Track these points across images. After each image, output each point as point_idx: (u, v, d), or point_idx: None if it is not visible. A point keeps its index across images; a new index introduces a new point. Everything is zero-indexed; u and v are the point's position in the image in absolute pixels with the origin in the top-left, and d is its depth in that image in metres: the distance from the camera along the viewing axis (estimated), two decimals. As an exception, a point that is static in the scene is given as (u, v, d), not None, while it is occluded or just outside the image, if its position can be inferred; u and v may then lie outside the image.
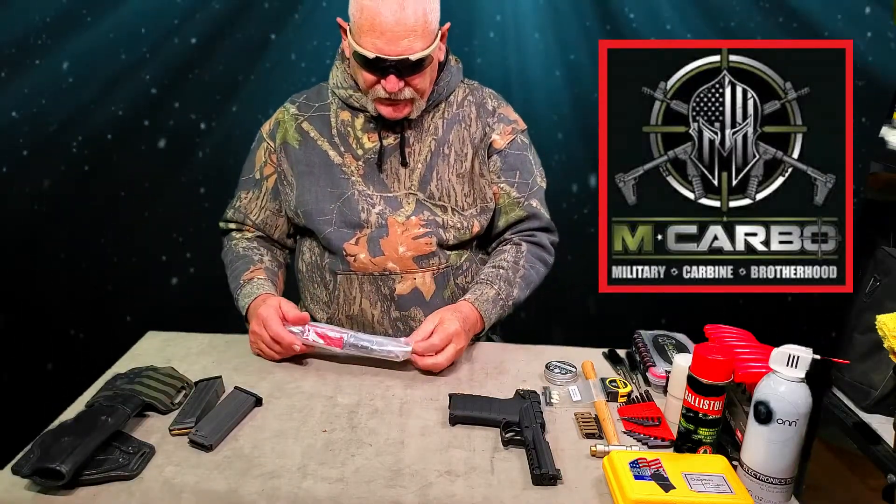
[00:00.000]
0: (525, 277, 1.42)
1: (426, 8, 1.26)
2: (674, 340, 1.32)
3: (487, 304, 1.35)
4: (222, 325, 1.46)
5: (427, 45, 1.28)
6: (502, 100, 1.50)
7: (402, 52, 1.26)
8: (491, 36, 2.12)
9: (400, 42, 1.25)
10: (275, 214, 1.49)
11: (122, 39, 1.98)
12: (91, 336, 2.11)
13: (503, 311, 1.38)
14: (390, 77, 1.28)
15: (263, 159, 1.47)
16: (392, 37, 1.24)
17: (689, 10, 2.04)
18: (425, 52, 1.28)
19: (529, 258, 1.44)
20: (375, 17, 1.24)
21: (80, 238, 2.07)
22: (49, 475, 0.90)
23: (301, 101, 1.47)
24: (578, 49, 2.11)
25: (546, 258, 1.48)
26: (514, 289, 1.39)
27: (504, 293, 1.38)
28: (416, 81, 1.31)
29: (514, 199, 1.45)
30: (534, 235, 1.47)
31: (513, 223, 1.47)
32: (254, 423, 1.10)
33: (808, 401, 0.90)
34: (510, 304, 1.39)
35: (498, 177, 1.45)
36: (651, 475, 0.92)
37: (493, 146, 1.44)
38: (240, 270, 1.41)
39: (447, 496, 0.94)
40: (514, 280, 1.40)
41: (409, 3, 1.24)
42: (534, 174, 1.47)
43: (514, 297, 1.40)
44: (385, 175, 1.41)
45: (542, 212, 1.48)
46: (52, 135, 1.99)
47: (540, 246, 1.47)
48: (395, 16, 1.23)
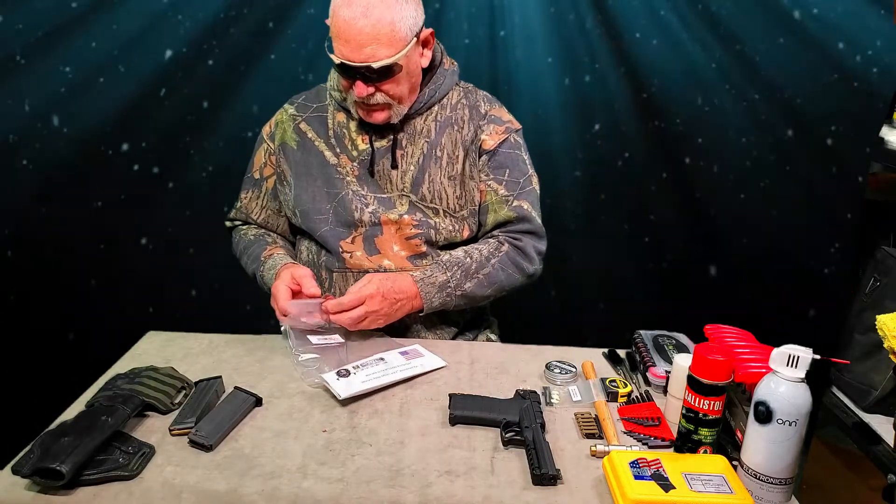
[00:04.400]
0: (489, 276, 1.39)
1: (394, 17, 1.26)
2: (674, 340, 1.32)
3: (431, 288, 1.35)
4: (222, 325, 1.46)
5: (393, 52, 1.27)
6: (496, 102, 1.50)
7: (365, 60, 1.26)
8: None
9: (363, 49, 1.25)
10: (276, 214, 1.53)
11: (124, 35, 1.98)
12: (91, 336, 2.11)
13: (449, 300, 1.37)
14: (357, 82, 1.29)
15: (263, 160, 1.50)
16: (355, 44, 1.25)
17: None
18: (390, 60, 1.27)
19: (504, 260, 1.41)
20: (342, 23, 1.25)
21: (80, 238, 2.07)
22: (49, 475, 0.90)
23: (299, 101, 1.49)
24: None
25: (524, 266, 1.43)
26: (469, 282, 1.37)
27: (455, 283, 1.36)
28: (387, 87, 1.32)
29: (501, 196, 1.43)
30: (520, 240, 1.43)
31: (501, 222, 1.44)
32: (254, 423, 1.10)
33: (808, 401, 0.90)
34: (458, 295, 1.37)
35: (486, 175, 1.44)
36: (651, 475, 0.92)
37: (482, 147, 1.43)
38: (257, 252, 1.46)
39: (447, 496, 0.94)
40: (475, 275, 1.38)
41: (373, 12, 1.24)
42: (527, 174, 1.45)
43: (467, 290, 1.37)
44: (378, 177, 1.42)
45: (532, 215, 1.44)
46: (52, 133, 1.98)
47: (522, 253, 1.43)
48: (357, 24, 1.24)
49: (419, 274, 1.36)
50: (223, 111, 2.11)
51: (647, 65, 2.08)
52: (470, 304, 1.42)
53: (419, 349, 1.33)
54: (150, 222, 2.15)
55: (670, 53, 2.06)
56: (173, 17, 2.00)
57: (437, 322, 1.46)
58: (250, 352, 1.33)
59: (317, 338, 1.32)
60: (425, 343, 1.37)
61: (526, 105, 2.07)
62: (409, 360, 1.27)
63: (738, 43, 2.04)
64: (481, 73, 2.07)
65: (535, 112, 2.10)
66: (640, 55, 2.07)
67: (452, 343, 1.44)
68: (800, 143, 2.10)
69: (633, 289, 2.29)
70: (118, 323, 2.10)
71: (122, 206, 2.10)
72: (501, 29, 2.07)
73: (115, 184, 2.08)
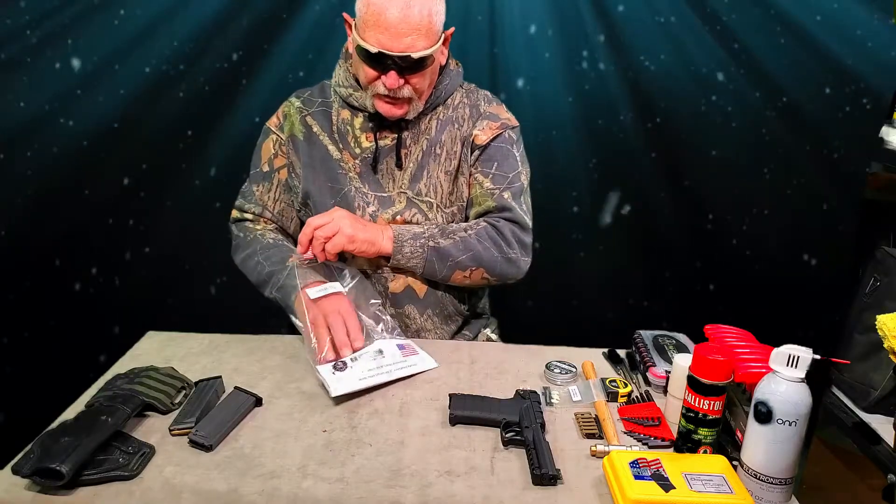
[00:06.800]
0: (465, 241, 1.37)
1: (432, 9, 1.28)
2: (674, 340, 1.32)
3: (405, 233, 1.35)
4: (222, 325, 1.46)
5: (430, 44, 1.29)
6: (496, 100, 1.50)
7: (405, 49, 1.27)
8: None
9: (403, 39, 1.26)
10: (290, 206, 1.50)
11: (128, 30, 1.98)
12: (91, 336, 2.11)
13: (421, 251, 1.35)
14: (391, 73, 1.29)
15: (273, 151, 1.47)
16: (396, 33, 1.25)
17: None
18: (427, 52, 1.29)
19: (481, 233, 1.38)
20: (381, 12, 1.25)
21: (80, 237, 2.07)
22: (49, 475, 0.90)
23: (305, 96, 1.49)
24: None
25: (500, 244, 1.39)
26: (444, 239, 1.36)
27: (429, 235, 1.36)
28: (416, 80, 1.32)
29: (486, 189, 1.42)
30: (497, 222, 1.40)
31: (482, 213, 1.43)
32: (254, 423, 1.10)
33: (808, 401, 0.90)
34: (431, 247, 1.35)
35: (475, 168, 1.44)
36: (651, 475, 0.92)
37: (475, 142, 1.43)
38: (280, 256, 1.39)
39: (447, 496, 0.94)
40: (451, 235, 1.37)
41: (415, 2, 1.25)
42: (517, 170, 1.44)
43: (441, 245, 1.35)
44: (380, 175, 1.42)
45: (514, 206, 1.41)
46: (53, 133, 1.98)
47: (499, 232, 1.39)
48: (401, 12, 1.25)
49: (396, 226, 1.37)
50: (223, 111, 2.11)
51: (649, 66, 2.08)
52: (444, 270, 1.37)
53: (414, 346, 1.33)
54: (151, 222, 2.15)
55: (672, 56, 2.06)
56: (173, 21, 2.00)
57: (437, 319, 1.46)
58: (250, 352, 1.33)
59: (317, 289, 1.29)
60: (426, 343, 1.37)
61: (527, 106, 2.07)
62: (406, 357, 1.27)
63: (738, 43, 2.04)
64: (481, 69, 2.07)
65: (535, 112, 2.10)
66: (641, 57, 2.07)
67: (452, 343, 1.44)
68: (800, 143, 2.10)
69: (633, 289, 2.29)
70: (118, 323, 2.11)
71: (122, 205, 2.10)
72: (502, 23, 2.07)
73: (115, 184, 2.08)
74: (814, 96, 2.05)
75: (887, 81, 1.94)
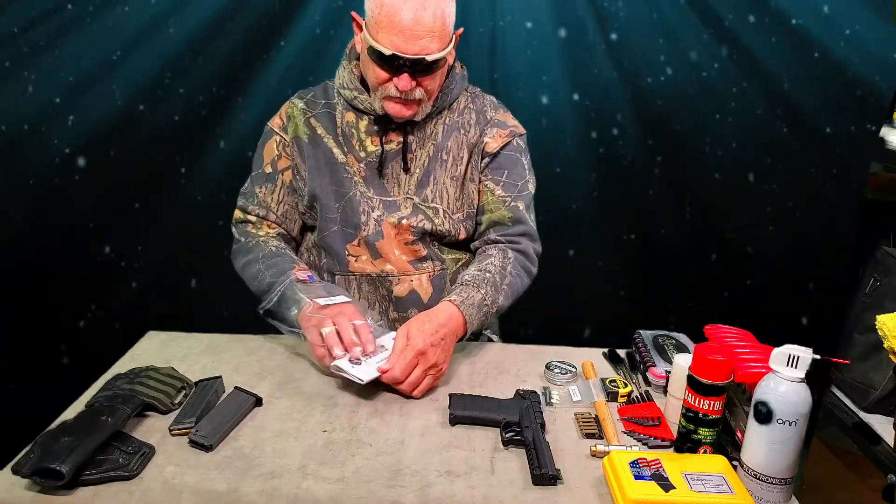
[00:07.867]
0: (511, 286, 1.36)
1: (445, 11, 1.26)
2: (674, 340, 1.32)
3: (472, 309, 1.27)
4: (222, 325, 1.46)
5: (443, 46, 1.28)
6: (502, 107, 1.50)
7: (419, 52, 1.25)
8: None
9: (418, 41, 1.24)
10: (293, 209, 1.47)
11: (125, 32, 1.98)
12: (91, 336, 2.11)
13: (485, 319, 1.31)
14: (403, 75, 1.27)
15: (276, 152, 1.45)
16: (411, 35, 1.23)
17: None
18: (441, 54, 1.27)
19: (516, 266, 1.39)
20: (396, 14, 1.23)
21: (80, 237, 2.07)
22: (49, 475, 0.90)
23: (308, 97, 1.46)
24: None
25: (530, 269, 1.42)
26: (499, 295, 1.33)
27: (490, 299, 1.31)
28: (427, 83, 1.31)
29: (498, 197, 1.42)
30: (519, 243, 1.42)
31: (496, 223, 1.43)
32: (254, 423, 1.10)
33: (808, 401, 0.90)
34: (493, 312, 1.33)
35: (485, 175, 1.43)
36: (651, 475, 0.92)
37: (485, 149, 1.43)
38: (283, 267, 1.35)
39: (447, 496, 0.94)
40: (501, 287, 1.34)
41: (430, 4, 1.23)
42: (525, 178, 1.45)
43: (499, 304, 1.34)
44: (386, 180, 1.41)
45: (526, 217, 1.44)
46: (53, 133, 1.98)
47: (525, 255, 1.42)
48: (415, 14, 1.23)
49: (456, 298, 1.27)
50: (223, 112, 2.11)
51: (647, 68, 2.08)
52: (496, 316, 1.37)
53: None
54: (154, 221, 2.15)
55: (670, 57, 2.07)
56: (171, 23, 2.00)
57: None
58: (250, 352, 1.33)
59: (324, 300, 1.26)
60: None
61: (527, 107, 2.08)
62: None
63: (738, 43, 2.04)
64: (482, 73, 2.07)
65: (535, 113, 2.11)
66: (639, 59, 2.08)
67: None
68: (800, 143, 2.10)
69: (634, 289, 2.29)
70: (118, 323, 2.11)
71: (122, 205, 2.11)
72: (501, 20, 2.08)
73: (116, 183, 2.08)
74: (814, 96, 2.05)
75: (887, 81, 1.94)
